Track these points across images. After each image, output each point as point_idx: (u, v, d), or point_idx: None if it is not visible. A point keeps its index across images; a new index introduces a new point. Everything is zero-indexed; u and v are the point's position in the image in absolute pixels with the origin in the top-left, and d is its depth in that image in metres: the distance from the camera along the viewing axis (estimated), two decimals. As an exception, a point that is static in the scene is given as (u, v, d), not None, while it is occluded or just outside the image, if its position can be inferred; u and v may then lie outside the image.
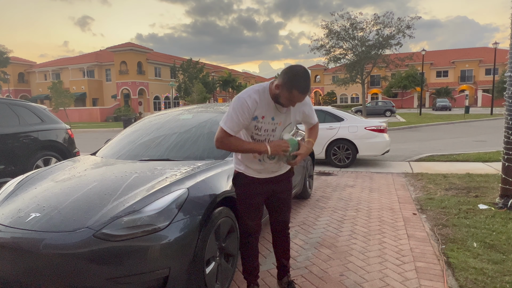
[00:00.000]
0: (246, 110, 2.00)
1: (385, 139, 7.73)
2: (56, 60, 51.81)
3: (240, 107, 2.00)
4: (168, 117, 3.85)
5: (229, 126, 2.01)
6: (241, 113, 2.00)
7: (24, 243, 2.02)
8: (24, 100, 6.24)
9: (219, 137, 2.04)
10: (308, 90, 1.96)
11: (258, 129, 2.11)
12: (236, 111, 2.00)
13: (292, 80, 1.90)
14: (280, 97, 1.99)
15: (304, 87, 1.92)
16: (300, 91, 1.92)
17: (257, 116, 2.06)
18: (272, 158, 2.20)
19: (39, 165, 5.74)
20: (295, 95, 1.93)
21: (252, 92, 2.05)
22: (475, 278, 2.67)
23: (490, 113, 29.05)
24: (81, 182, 2.59)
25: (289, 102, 1.99)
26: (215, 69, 54.89)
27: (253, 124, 2.08)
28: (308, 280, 2.78)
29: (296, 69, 1.92)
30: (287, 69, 1.94)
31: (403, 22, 23.18)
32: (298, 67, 1.94)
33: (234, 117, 2.00)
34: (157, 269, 2.03)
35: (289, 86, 1.91)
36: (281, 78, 1.94)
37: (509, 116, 4.31)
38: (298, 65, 1.97)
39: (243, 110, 2.00)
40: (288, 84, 1.91)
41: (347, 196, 5.32)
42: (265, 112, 2.07)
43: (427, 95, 53.53)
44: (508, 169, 4.35)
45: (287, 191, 2.45)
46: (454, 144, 11.69)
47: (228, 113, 2.02)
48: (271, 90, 2.04)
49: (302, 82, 1.91)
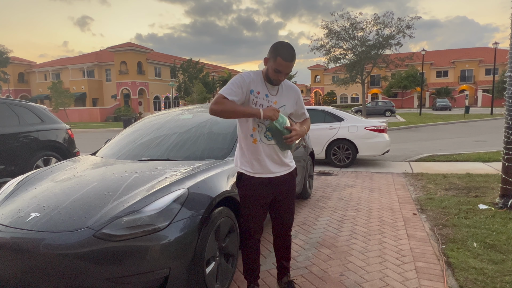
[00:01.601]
0: (240, 80, 2.17)
1: (385, 139, 7.73)
2: (56, 60, 51.81)
3: (235, 79, 2.19)
4: (168, 117, 3.85)
5: (226, 92, 2.12)
6: (236, 83, 2.15)
7: (24, 243, 2.02)
8: (24, 100, 6.24)
9: (214, 100, 2.11)
10: (292, 58, 2.10)
11: (254, 104, 2.21)
12: (232, 82, 2.17)
13: (276, 49, 2.10)
14: (269, 71, 2.16)
15: (287, 54, 2.07)
16: (283, 58, 2.07)
17: (253, 90, 2.20)
18: (269, 138, 2.24)
19: (39, 165, 5.74)
20: (279, 63, 2.08)
21: (248, 71, 2.28)
22: (475, 278, 2.67)
23: (490, 113, 29.04)
24: (81, 182, 2.59)
25: (276, 73, 2.13)
26: (215, 69, 54.89)
27: (251, 98, 2.20)
28: (308, 280, 2.78)
29: (280, 42, 2.14)
30: (273, 44, 2.15)
31: (403, 22, 23.21)
32: (282, 41, 2.17)
33: (230, 86, 2.15)
34: (157, 269, 2.03)
35: (274, 54, 2.09)
36: (268, 52, 2.15)
37: (509, 116, 4.31)
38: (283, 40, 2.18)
39: (238, 80, 2.17)
40: (273, 53, 2.10)
41: (347, 196, 5.32)
42: (260, 88, 2.22)
43: (427, 95, 53.52)
44: (508, 169, 4.36)
45: (291, 194, 2.43)
46: (454, 144, 11.69)
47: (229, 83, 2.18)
48: (263, 70, 2.24)
49: (285, 50, 2.08)
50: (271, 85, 2.23)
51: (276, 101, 2.25)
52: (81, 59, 47.32)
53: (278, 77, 2.15)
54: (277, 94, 2.26)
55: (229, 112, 2.09)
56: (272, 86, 2.24)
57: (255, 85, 2.20)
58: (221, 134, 3.35)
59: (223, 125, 3.46)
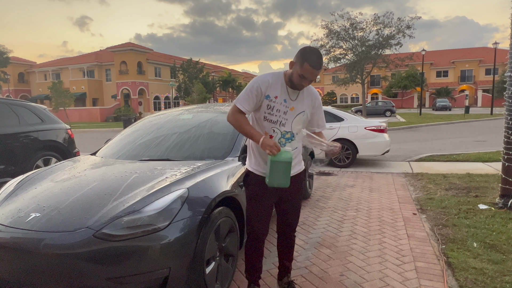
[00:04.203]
0: (256, 88, 2.13)
1: (385, 139, 7.73)
2: (56, 60, 51.82)
3: (251, 86, 2.15)
4: (168, 117, 3.84)
5: (241, 102, 2.14)
6: (251, 91, 2.14)
7: (24, 243, 2.02)
8: (24, 100, 6.24)
9: (230, 113, 2.18)
10: (319, 66, 2.03)
11: (270, 108, 2.18)
12: (248, 90, 2.15)
13: (304, 54, 2.03)
14: (293, 75, 2.09)
15: (315, 60, 2.01)
16: (311, 64, 2.00)
17: (269, 95, 2.16)
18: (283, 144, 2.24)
19: (39, 165, 5.74)
20: (306, 69, 2.02)
21: (267, 74, 2.20)
22: (475, 278, 2.67)
23: (490, 113, 29.05)
24: (81, 182, 2.59)
25: (301, 79, 2.06)
26: (215, 69, 54.90)
27: (266, 103, 2.16)
28: (308, 280, 2.78)
29: (309, 47, 2.07)
30: (301, 48, 2.08)
31: (403, 22, 23.19)
32: (311, 46, 2.10)
33: (245, 95, 2.14)
34: (157, 269, 2.03)
35: (301, 60, 2.02)
36: (295, 56, 2.08)
37: (509, 116, 4.31)
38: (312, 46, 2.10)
39: (254, 88, 2.14)
40: (301, 58, 2.03)
41: (347, 196, 5.32)
42: (278, 93, 2.17)
43: (427, 95, 53.52)
44: (508, 169, 4.36)
45: (298, 194, 2.44)
46: (454, 144, 11.69)
47: (244, 91, 2.17)
48: (286, 73, 2.17)
49: (313, 56, 2.02)
50: (292, 89, 2.17)
51: (294, 107, 2.19)
52: (81, 59, 47.32)
53: (302, 82, 2.08)
54: (296, 99, 2.20)
55: (237, 128, 2.20)
56: (293, 91, 2.18)
57: (273, 90, 2.15)
58: (221, 134, 3.35)
59: (223, 125, 3.45)
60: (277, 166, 2.07)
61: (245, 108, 2.13)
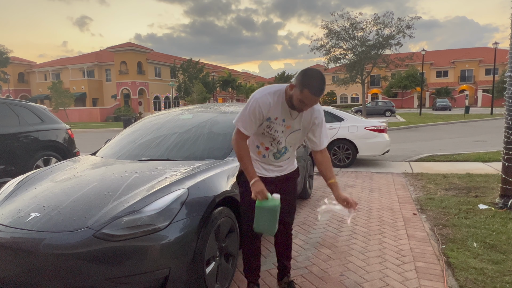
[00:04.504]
0: (258, 112, 2.07)
1: (385, 139, 7.73)
2: (56, 60, 51.81)
3: (253, 109, 2.06)
4: (168, 117, 3.85)
5: (243, 125, 2.10)
6: (253, 114, 2.07)
7: (24, 243, 2.02)
8: (24, 100, 6.24)
9: (234, 138, 2.16)
10: (320, 93, 1.93)
11: (269, 128, 2.17)
12: (249, 113, 2.07)
13: (305, 79, 1.91)
14: (293, 98, 2.00)
15: (316, 87, 1.90)
16: (311, 91, 1.90)
17: (270, 117, 2.12)
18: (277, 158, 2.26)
19: (39, 165, 5.74)
20: (306, 95, 1.92)
21: (268, 93, 2.09)
22: (475, 278, 2.67)
23: (490, 113, 29.05)
24: (81, 182, 2.59)
25: (301, 104, 1.98)
26: (215, 69, 54.89)
27: (266, 123, 2.15)
28: (308, 280, 2.78)
29: (311, 71, 1.94)
30: (303, 70, 1.96)
31: (403, 22, 23.20)
32: (314, 69, 1.95)
33: (247, 118, 2.08)
34: (157, 269, 2.03)
35: (302, 85, 1.91)
36: (296, 78, 1.97)
37: (509, 116, 4.31)
38: (315, 68, 1.98)
39: (255, 112, 2.07)
40: (301, 83, 1.91)
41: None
42: (279, 113, 2.11)
43: (427, 95, 53.53)
44: (508, 169, 4.35)
45: (292, 192, 2.45)
46: (454, 144, 11.69)
47: (243, 112, 2.09)
48: (287, 92, 2.06)
49: (314, 82, 1.90)
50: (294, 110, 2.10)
51: (290, 125, 2.16)
52: (81, 59, 47.31)
53: (302, 107, 2.01)
54: (297, 118, 2.16)
55: (237, 156, 2.18)
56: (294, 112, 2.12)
57: (274, 112, 2.10)
58: (221, 134, 3.35)
59: (223, 125, 3.46)
60: (263, 212, 2.07)
61: (249, 132, 2.12)
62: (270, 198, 2.07)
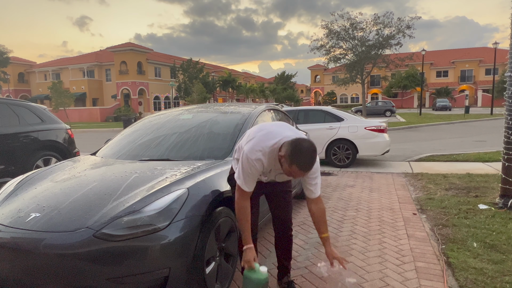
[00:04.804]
0: (254, 170, 2.11)
1: (385, 139, 7.73)
2: (56, 60, 51.80)
3: (249, 169, 2.10)
4: (168, 117, 3.84)
5: (246, 185, 2.14)
6: (251, 173, 2.12)
7: (24, 243, 2.02)
8: (24, 100, 6.23)
9: (236, 197, 2.20)
10: (310, 168, 1.93)
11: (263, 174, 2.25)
12: (247, 172, 2.11)
13: (294, 154, 1.89)
14: (282, 166, 2.01)
15: (304, 164, 1.90)
16: (300, 167, 1.91)
17: (264, 171, 2.22)
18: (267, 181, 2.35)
19: (39, 165, 5.74)
20: (294, 170, 1.92)
21: (261, 154, 2.08)
22: (475, 278, 2.67)
23: (490, 113, 29.03)
24: (81, 182, 2.59)
25: (289, 173, 1.99)
26: (215, 69, 54.88)
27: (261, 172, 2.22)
28: (308, 280, 2.78)
29: (301, 145, 1.91)
30: (293, 141, 1.93)
31: (403, 22, 23.19)
32: (304, 142, 1.92)
33: (247, 178, 2.13)
34: (157, 269, 2.03)
35: (290, 160, 1.90)
36: (285, 148, 1.94)
37: (509, 116, 4.31)
38: (306, 140, 1.95)
39: (253, 170, 2.11)
40: (290, 157, 1.90)
41: (347, 196, 5.31)
42: (272, 167, 2.18)
43: (427, 95, 53.51)
44: (508, 169, 4.35)
45: (286, 188, 2.49)
46: (454, 144, 11.69)
47: (243, 171, 2.13)
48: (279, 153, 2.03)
49: (303, 159, 1.90)
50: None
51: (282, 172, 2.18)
52: (81, 59, 47.30)
53: (292, 176, 2.05)
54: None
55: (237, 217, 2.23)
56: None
57: (267, 167, 2.17)
58: (221, 134, 3.35)
59: (223, 125, 3.46)
60: (249, 283, 2.10)
61: (249, 189, 2.17)
62: (257, 269, 2.09)
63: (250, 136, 2.21)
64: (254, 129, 2.27)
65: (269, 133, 2.14)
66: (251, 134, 2.23)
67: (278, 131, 2.15)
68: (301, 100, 58.52)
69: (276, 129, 2.17)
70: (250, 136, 2.21)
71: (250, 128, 2.59)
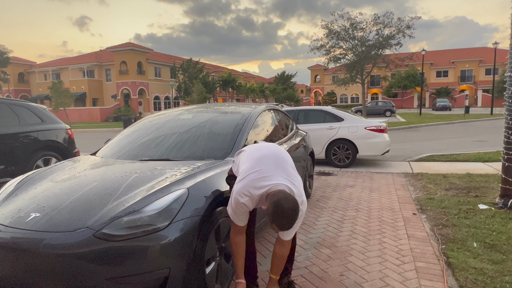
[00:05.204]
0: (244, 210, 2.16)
1: (385, 139, 7.73)
2: (56, 60, 51.80)
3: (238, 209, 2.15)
4: (168, 117, 3.84)
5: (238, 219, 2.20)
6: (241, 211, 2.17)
7: (24, 243, 2.02)
8: (24, 100, 6.24)
9: (232, 232, 2.28)
10: (289, 227, 1.96)
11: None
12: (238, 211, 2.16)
13: (274, 215, 1.92)
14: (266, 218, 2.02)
15: (284, 225, 1.94)
16: (279, 227, 1.95)
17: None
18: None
19: (39, 165, 5.74)
20: (274, 227, 1.98)
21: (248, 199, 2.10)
22: (475, 278, 2.67)
23: (490, 113, 29.03)
24: (81, 182, 2.59)
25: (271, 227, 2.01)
26: (215, 69, 54.88)
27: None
28: (308, 280, 2.78)
29: (283, 207, 1.90)
30: (276, 200, 1.92)
31: (403, 22, 23.19)
32: (286, 203, 1.91)
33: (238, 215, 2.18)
34: (157, 269, 2.03)
35: (271, 219, 1.94)
36: (268, 204, 1.96)
37: (509, 116, 4.31)
38: (289, 199, 1.93)
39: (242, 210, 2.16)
40: (271, 216, 1.93)
41: (347, 196, 5.32)
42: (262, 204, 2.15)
43: (427, 95, 53.52)
44: (508, 169, 4.35)
45: None
46: (454, 144, 11.69)
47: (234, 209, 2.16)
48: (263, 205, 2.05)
49: (283, 220, 1.92)
50: None
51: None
52: (81, 59, 47.29)
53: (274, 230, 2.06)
54: None
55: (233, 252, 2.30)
56: None
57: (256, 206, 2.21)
58: (221, 134, 3.35)
59: (223, 125, 3.46)
60: None
61: (242, 223, 2.23)
62: None
63: (243, 172, 2.18)
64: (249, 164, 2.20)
65: (261, 176, 2.09)
66: (245, 169, 2.18)
67: (271, 174, 2.10)
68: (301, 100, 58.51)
69: (270, 170, 2.12)
70: (244, 171, 2.17)
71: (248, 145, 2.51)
